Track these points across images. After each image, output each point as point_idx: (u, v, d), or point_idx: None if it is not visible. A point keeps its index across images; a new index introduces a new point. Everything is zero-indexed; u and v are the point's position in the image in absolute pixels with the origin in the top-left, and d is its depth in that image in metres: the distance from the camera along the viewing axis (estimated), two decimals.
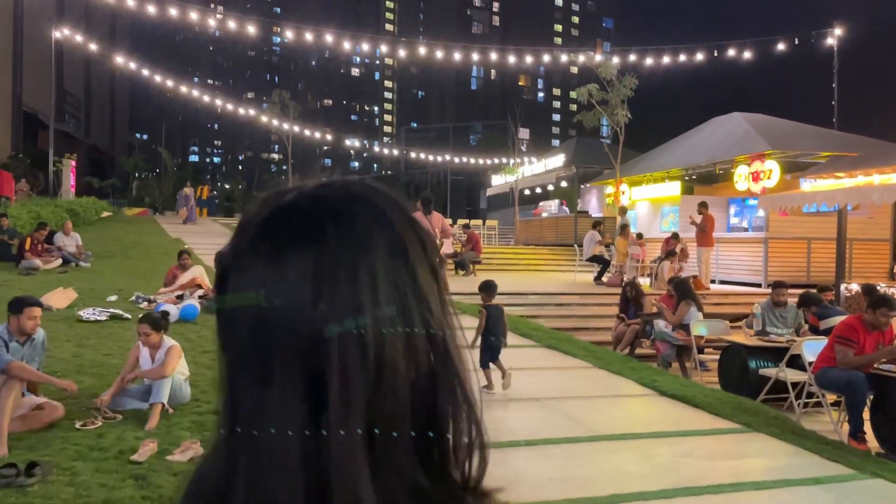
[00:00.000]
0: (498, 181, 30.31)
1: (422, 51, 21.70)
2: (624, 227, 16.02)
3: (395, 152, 66.20)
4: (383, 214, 0.55)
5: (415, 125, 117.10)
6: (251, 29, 21.01)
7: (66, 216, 18.21)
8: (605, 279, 15.25)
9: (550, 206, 27.31)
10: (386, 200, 0.57)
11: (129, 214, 34.39)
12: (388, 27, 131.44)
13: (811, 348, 6.47)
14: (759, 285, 14.74)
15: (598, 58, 17.45)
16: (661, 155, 20.48)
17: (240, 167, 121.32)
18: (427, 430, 0.53)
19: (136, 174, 45.91)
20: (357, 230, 0.54)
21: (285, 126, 30.44)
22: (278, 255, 0.53)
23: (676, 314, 8.83)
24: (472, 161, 34.45)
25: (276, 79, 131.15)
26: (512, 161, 27.17)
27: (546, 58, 18.23)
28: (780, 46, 19.93)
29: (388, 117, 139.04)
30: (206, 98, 30.00)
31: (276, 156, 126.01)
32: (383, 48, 22.54)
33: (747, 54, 19.50)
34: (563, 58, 17.78)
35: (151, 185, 43.38)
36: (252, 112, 31.12)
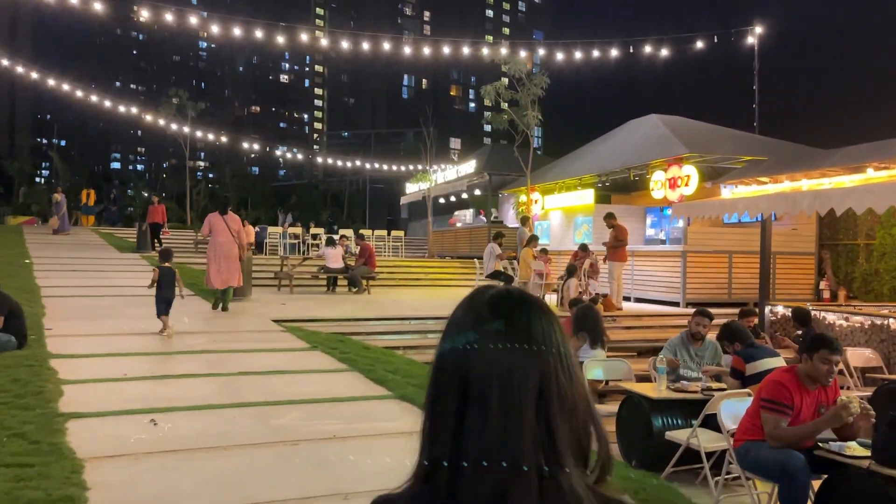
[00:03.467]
0: (412, 189, 28.32)
1: (350, 45, 19.57)
2: (533, 239, 14.22)
3: (314, 159, 63.47)
4: (547, 312, 0.86)
5: (346, 134, 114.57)
6: (173, 23, 18.35)
7: None
8: None
9: (465, 216, 25.47)
10: (541, 302, 0.88)
11: (13, 223, 30.99)
12: (319, 34, 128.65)
13: (730, 410, 4.67)
14: (677, 304, 13.22)
15: (504, 51, 15.75)
16: (574, 160, 18.88)
17: (164, 175, 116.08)
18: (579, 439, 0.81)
19: (34, 180, 42.28)
20: (547, 320, 0.85)
21: (174, 127, 27.72)
22: (510, 330, 0.82)
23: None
24: (389, 168, 32.42)
25: (203, 84, 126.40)
26: (423, 167, 25.32)
27: (446, 49, 16.44)
28: (699, 45, 18.71)
29: (318, 125, 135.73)
30: (122, 105, 26.81)
31: (202, 163, 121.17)
32: (309, 40, 20.32)
33: (665, 52, 18.17)
34: (466, 50, 16.02)
35: (41, 192, 39.80)
36: (149, 118, 28.20)
